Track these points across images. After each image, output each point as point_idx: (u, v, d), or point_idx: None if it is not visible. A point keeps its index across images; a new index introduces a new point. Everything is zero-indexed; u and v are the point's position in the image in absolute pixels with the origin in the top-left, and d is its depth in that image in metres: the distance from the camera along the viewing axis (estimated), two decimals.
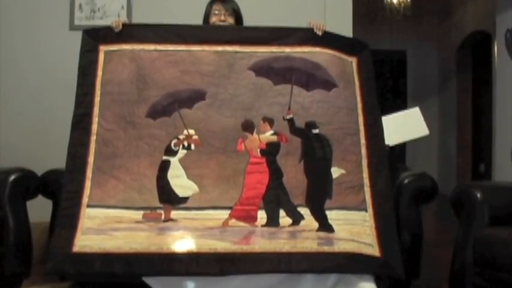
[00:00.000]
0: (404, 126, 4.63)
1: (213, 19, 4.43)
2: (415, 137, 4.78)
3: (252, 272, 3.45)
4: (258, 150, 3.81)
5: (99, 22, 5.65)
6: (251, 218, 3.69)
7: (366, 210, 3.71)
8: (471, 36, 10.07)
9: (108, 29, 4.00)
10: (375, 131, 3.89)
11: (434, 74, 11.73)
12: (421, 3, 10.83)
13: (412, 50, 11.85)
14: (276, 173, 3.77)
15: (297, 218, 3.70)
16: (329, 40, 4.02)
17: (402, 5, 9.88)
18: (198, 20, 4.51)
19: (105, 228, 3.56)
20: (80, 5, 5.78)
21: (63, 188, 3.70)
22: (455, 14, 10.75)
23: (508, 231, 3.68)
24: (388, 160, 3.90)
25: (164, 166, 3.76)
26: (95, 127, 3.78)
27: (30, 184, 4.23)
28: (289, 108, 3.86)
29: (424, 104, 11.26)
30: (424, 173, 4.34)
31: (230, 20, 4.43)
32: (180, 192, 3.73)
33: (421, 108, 4.70)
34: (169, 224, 3.65)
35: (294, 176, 3.77)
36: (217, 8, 4.43)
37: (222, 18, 4.41)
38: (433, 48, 11.71)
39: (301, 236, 3.62)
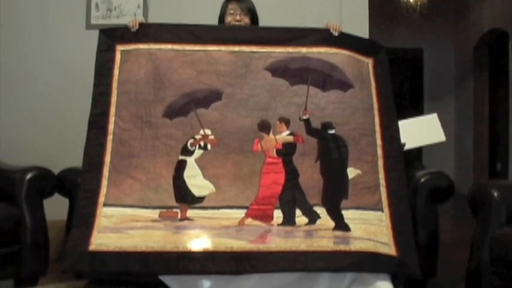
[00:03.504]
0: (421, 131, 4.61)
1: (229, 18, 4.43)
2: (431, 142, 4.76)
3: (268, 270, 3.46)
4: (274, 150, 3.81)
5: (115, 21, 5.67)
6: (267, 217, 3.70)
7: (382, 211, 3.71)
8: (488, 35, 10.01)
9: (124, 29, 4.02)
10: (390, 132, 3.90)
11: (451, 72, 11.67)
12: (438, 2, 10.80)
13: (428, 48, 11.80)
14: (292, 173, 3.77)
15: (313, 217, 3.70)
16: (345, 41, 4.03)
17: (419, 3, 9.86)
18: (214, 20, 4.52)
19: (121, 226, 3.57)
20: (97, 4, 5.79)
21: (79, 187, 3.73)
22: (472, 12, 10.70)
23: None
24: (404, 159, 3.90)
25: (181, 166, 3.77)
26: (111, 127, 3.80)
27: (47, 183, 4.27)
28: (305, 109, 3.86)
29: (440, 102, 11.25)
30: (441, 171, 4.33)
31: (246, 20, 4.42)
32: (196, 192, 3.73)
33: (438, 106, 4.70)
34: (185, 222, 3.65)
35: (310, 176, 3.77)
36: (233, 7, 4.43)
37: (238, 17, 4.40)
38: (449, 47, 11.65)
39: (317, 235, 3.62)
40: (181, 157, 3.79)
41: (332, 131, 3.84)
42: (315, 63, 3.96)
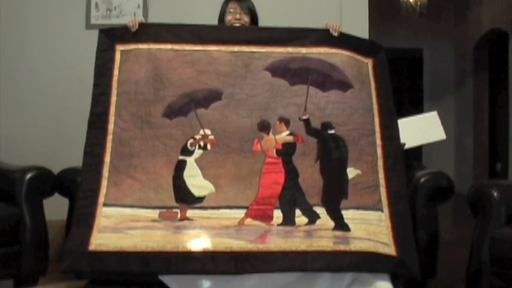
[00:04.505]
0: (421, 129, 4.63)
1: (229, 17, 4.43)
2: (431, 140, 4.78)
3: (268, 270, 3.46)
4: (274, 150, 3.81)
5: (115, 21, 5.66)
6: (267, 217, 3.70)
7: (382, 211, 3.71)
8: (488, 35, 10.01)
9: (124, 29, 4.02)
10: (390, 132, 3.90)
11: (451, 72, 11.66)
12: (438, 2, 10.79)
13: (428, 49, 11.79)
14: (291, 173, 3.77)
15: (313, 217, 3.70)
16: (345, 41, 4.04)
17: (418, 3, 9.85)
18: (214, 20, 4.51)
19: (121, 226, 3.57)
20: (96, 4, 5.79)
21: (79, 187, 3.73)
22: (471, 12, 10.70)
23: None
24: (404, 159, 3.90)
25: (180, 166, 3.77)
26: (111, 127, 3.80)
27: (46, 182, 4.27)
28: (305, 109, 3.86)
29: (440, 102, 11.24)
30: (440, 171, 4.33)
31: (245, 19, 4.42)
32: (196, 192, 3.73)
33: (438, 106, 4.70)
34: (185, 222, 3.66)
35: (310, 176, 3.77)
36: (232, 7, 4.43)
37: (238, 16, 4.39)
38: (449, 47, 11.64)
39: (317, 234, 3.62)
40: (181, 157, 3.79)
41: (332, 131, 3.84)
42: (315, 63, 3.96)
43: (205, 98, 3.88)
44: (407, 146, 4.27)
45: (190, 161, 3.78)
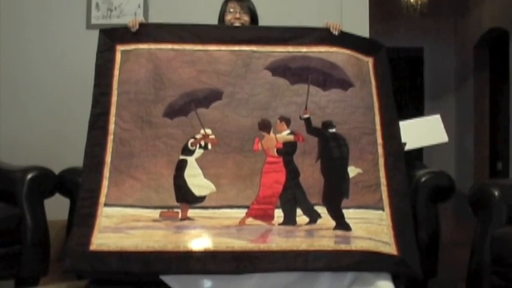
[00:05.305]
0: (424, 132, 4.63)
1: (229, 17, 4.43)
2: (434, 143, 4.77)
3: (269, 270, 3.46)
4: (275, 149, 3.81)
5: (115, 21, 5.66)
6: (268, 217, 3.69)
7: (383, 209, 3.70)
8: (488, 34, 10.00)
9: (125, 29, 4.02)
10: (391, 131, 3.89)
11: (452, 72, 11.67)
12: (438, 1, 10.79)
13: (429, 48, 11.80)
14: (292, 172, 3.77)
15: (314, 217, 3.70)
16: (345, 40, 4.03)
17: (419, 2, 9.86)
18: (214, 19, 4.51)
19: (122, 226, 3.57)
20: (97, 4, 5.79)
21: (80, 187, 3.73)
22: (472, 11, 10.69)
23: None
24: (405, 158, 3.90)
25: (181, 165, 3.77)
26: (112, 127, 3.79)
27: (47, 182, 4.27)
28: (306, 108, 3.86)
29: (441, 101, 11.25)
30: (441, 171, 4.33)
31: (245, 18, 4.42)
32: (197, 192, 3.73)
33: (438, 105, 4.70)
34: (186, 222, 3.65)
35: (311, 175, 3.77)
36: (232, 6, 4.43)
37: (238, 16, 4.39)
38: (450, 46, 11.65)
39: (318, 234, 3.61)
40: (181, 157, 3.79)
41: (333, 130, 3.84)
42: (315, 62, 3.96)
43: (205, 97, 3.87)
44: (409, 148, 4.27)
45: (191, 160, 3.78)
